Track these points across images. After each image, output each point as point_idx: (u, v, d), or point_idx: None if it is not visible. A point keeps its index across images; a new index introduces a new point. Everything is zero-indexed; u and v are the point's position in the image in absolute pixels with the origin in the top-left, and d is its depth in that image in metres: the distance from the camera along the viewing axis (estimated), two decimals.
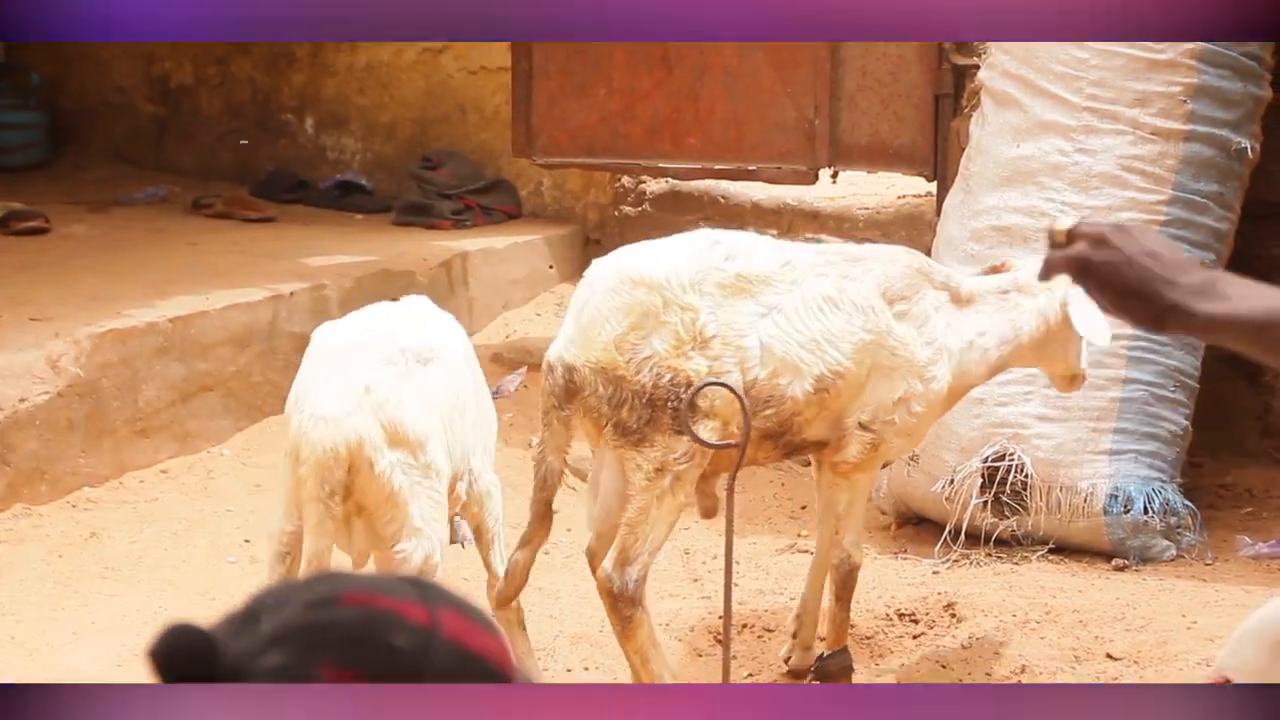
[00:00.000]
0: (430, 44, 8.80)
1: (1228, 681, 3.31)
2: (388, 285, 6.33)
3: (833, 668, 5.07)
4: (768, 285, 4.78)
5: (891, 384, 4.90)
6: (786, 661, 5.32)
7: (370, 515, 4.59)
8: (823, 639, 5.21)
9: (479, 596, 5.31)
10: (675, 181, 8.24)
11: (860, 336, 4.83)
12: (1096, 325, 4.84)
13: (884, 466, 5.28)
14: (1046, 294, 5.03)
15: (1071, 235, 2.03)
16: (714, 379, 4.65)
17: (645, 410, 4.65)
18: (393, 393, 4.62)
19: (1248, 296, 1.94)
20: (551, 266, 8.44)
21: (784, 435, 4.81)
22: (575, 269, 8.53)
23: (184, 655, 1.29)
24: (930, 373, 4.98)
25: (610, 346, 4.67)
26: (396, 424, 4.58)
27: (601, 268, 4.82)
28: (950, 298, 5.03)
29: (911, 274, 4.98)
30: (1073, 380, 5.23)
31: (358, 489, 4.56)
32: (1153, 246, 2.01)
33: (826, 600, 5.17)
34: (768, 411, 4.74)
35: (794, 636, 5.34)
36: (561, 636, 5.59)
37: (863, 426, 4.88)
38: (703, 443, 4.66)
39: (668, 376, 4.64)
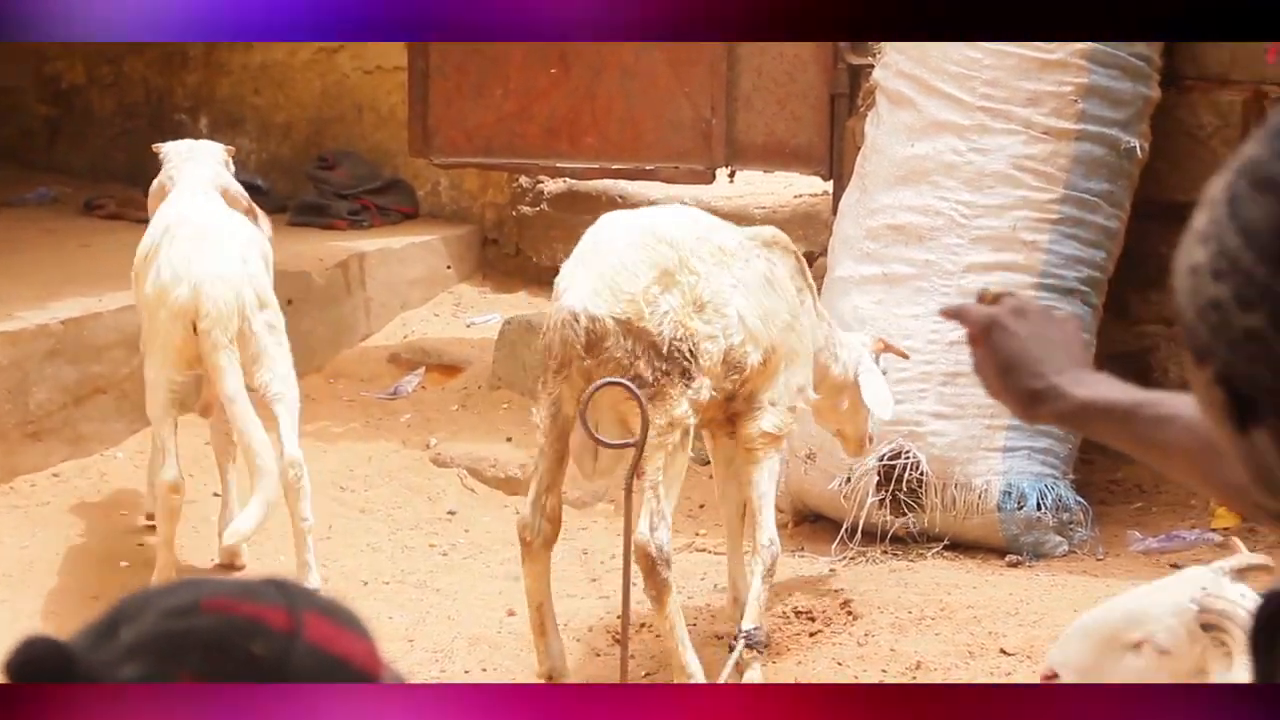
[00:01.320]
0: (325, 43, 8.75)
1: (1055, 676, 3.37)
2: (283, 286, 6.28)
3: (760, 637, 5.15)
4: (735, 260, 5.07)
5: (796, 368, 5.20)
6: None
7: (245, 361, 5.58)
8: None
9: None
10: (573, 181, 8.23)
11: (785, 318, 5.16)
12: (884, 396, 5.22)
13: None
14: (851, 353, 5.46)
15: (997, 299, 2.11)
16: (611, 379, 4.72)
17: (661, 363, 4.81)
18: (258, 268, 5.75)
19: (1123, 389, 2.03)
20: (449, 267, 8.41)
21: (733, 401, 5.09)
22: (473, 269, 8.51)
23: (38, 667, 1.27)
24: (819, 361, 5.32)
25: (638, 298, 4.83)
26: (264, 290, 5.71)
27: (618, 223, 5.03)
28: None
29: (802, 265, 5.31)
30: (862, 445, 5.66)
31: (241, 337, 5.57)
32: (1063, 335, 2.09)
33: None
34: (734, 376, 5.03)
35: (735, 602, 5.45)
36: (460, 638, 5.58)
37: (772, 404, 5.14)
38: (598, 440, 4.75)
39: (680, 332, 4.85)
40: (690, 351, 4.86)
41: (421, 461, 6.96)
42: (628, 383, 4.73)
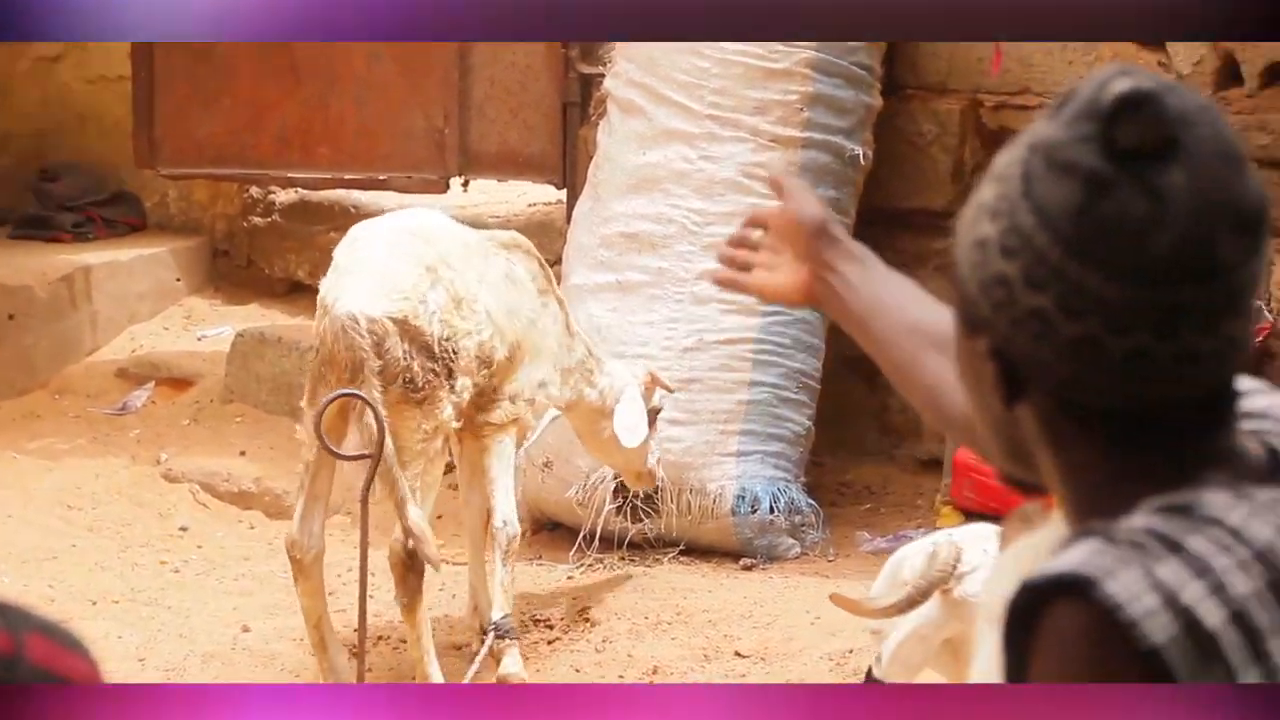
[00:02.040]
0: (46, 52, 8.55)
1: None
2: (4, 300, 6.13)
3: (509, 625, 5.16)
4: (479, 257, 5.13)
5: (537, 364, 5.28)
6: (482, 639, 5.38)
7: None
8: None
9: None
10: (305, 192, 8.15)
11: (527, 315, 5.24)
12: (632, 424, 5.30)
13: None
14: (616, 381, 5.50)
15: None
16: (347, 390, 4.68)
17: (431, 363, 4.82)
18: None
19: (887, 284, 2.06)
20: (179, 279, 8.28)
21: (482, 395, 5.12)
22: (203, 281, 8.38)
23: None
24: (559, 365, 5.39)
25: (411, 296, 4.82)
26: None
27: (375, 226, 5.05)
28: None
29: (546, 271, 5.42)
30: (639, 477, 5.72)
31: None
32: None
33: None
34: (485, 371, 5.07)
35: (475, 611, 5.51)
36: (192, 655, 5.49)
37: (511, 399, 5.20)
38: (333, 453, 4.71)
39: (446, 331, 4.87)
40: (453, 350, 4.90)
41: (152, 477, 6.85)
42: (362, 394, 4.70)
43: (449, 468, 5.48)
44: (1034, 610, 1.40)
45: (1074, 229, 1.43)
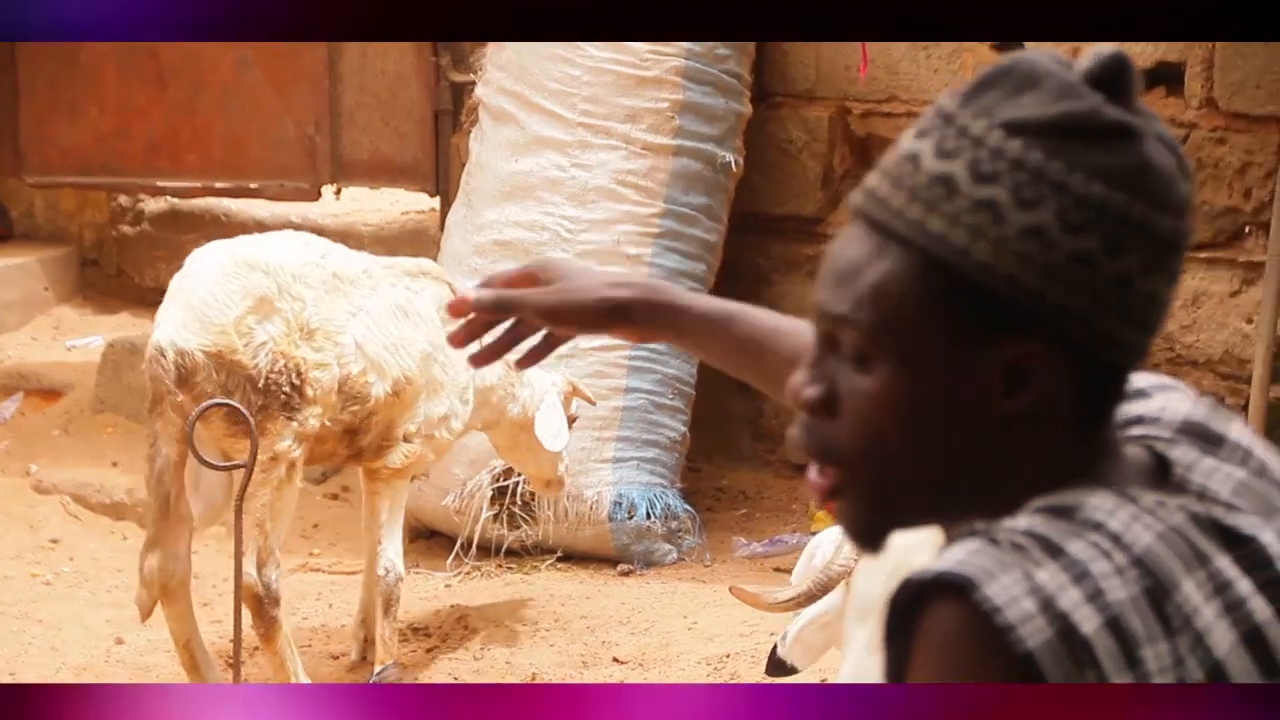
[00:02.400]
0: None
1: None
2: None
3: (390, 678, 5.13)
4: (355, 287, 4.98)
5: (439, 399, 5.15)
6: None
7: None
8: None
9: None
10: (175, 200, 8.09)
11: (423, 347, 5.07)
12: (554, 430, 5.29)
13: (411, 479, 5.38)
14: (536, 391, 5.48)
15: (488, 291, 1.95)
16: (219, 399, 4.65)
17: (258, 397, 4.70)
18: None
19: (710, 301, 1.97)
20: (47, 288, 8.19)
21: (359, 434, 4.99)
22: (71, 291, 8.29)
23: None
24: (468, 395, 5.27)
25: (229, 329, 4.70)
26: None
27: (210, 254, 4.87)
28: None
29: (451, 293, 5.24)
30: (549, 485, 5.69)
31: None
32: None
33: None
34: (354, 407, 4.93)
35: (365, 640, 5.46)
36: (64, 669, 5.44)
37: (407, 437, 5.08)
38: (205, 463, 4.67)
39: (281, 363, 4.73)
40: (293, 383, 4.76)
41: (21, 489, 6.76)
42: (236, 403, 4.67)
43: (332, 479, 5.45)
44: (914, 608, 1.41)
45: (1146, 181, 1.45)
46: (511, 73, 6.59)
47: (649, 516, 6.21)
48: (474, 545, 6.16)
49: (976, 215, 1.46)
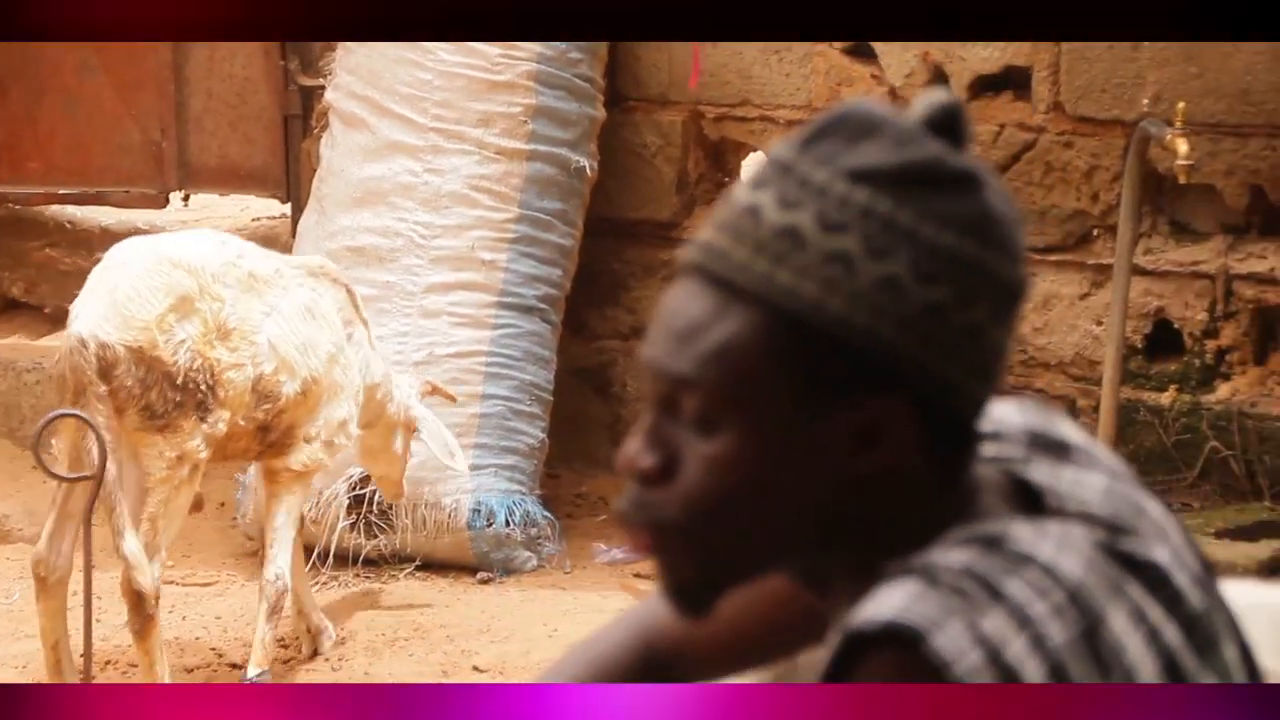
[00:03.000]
0: None
1: None
2: None
3: (263, 681, 5.12)
4: (269, 286, 5.02)
5: (339, 403, 5.20)
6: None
7: None
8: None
9: None
10: (18, 207, 7.95)
11: (328, 349, 5.15)
12: (452, 445, 5.33)
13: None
14: (403, 394, 5.53)
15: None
16: (65, 410, 4.63)
17: (175, 394, 4.75)
18: None
19: None
20: None
21: (269, 433, 5.05)
22: None
23: None
24: (360, 398, 5.32)
25: (151, 326, 4.74)
26: None
27: (132, 250, 4.91)
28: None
29: (353, 297, 5.36)
30: (397, 486, 5.72)
31: None
32: None
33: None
34: (267, 405, 4.98)
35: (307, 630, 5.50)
36: None
37: (308, 440, 5.13)
38: (51, 474, 4.69)
39: (198, 362, 4.79)
40: (208, 383, 4.83)
41: None
42: (83, 414, 4.66)
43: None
44: (857, 657, 1.39)
45: (993, 228, 1.44)
46: (362, 77, 6.55)
47: (508, 524, 6.20)
48: (331, 555, 6.12)
49: (828, 267, 1.41)
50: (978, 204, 1.44)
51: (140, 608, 4.83)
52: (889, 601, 1.39)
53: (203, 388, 4.82)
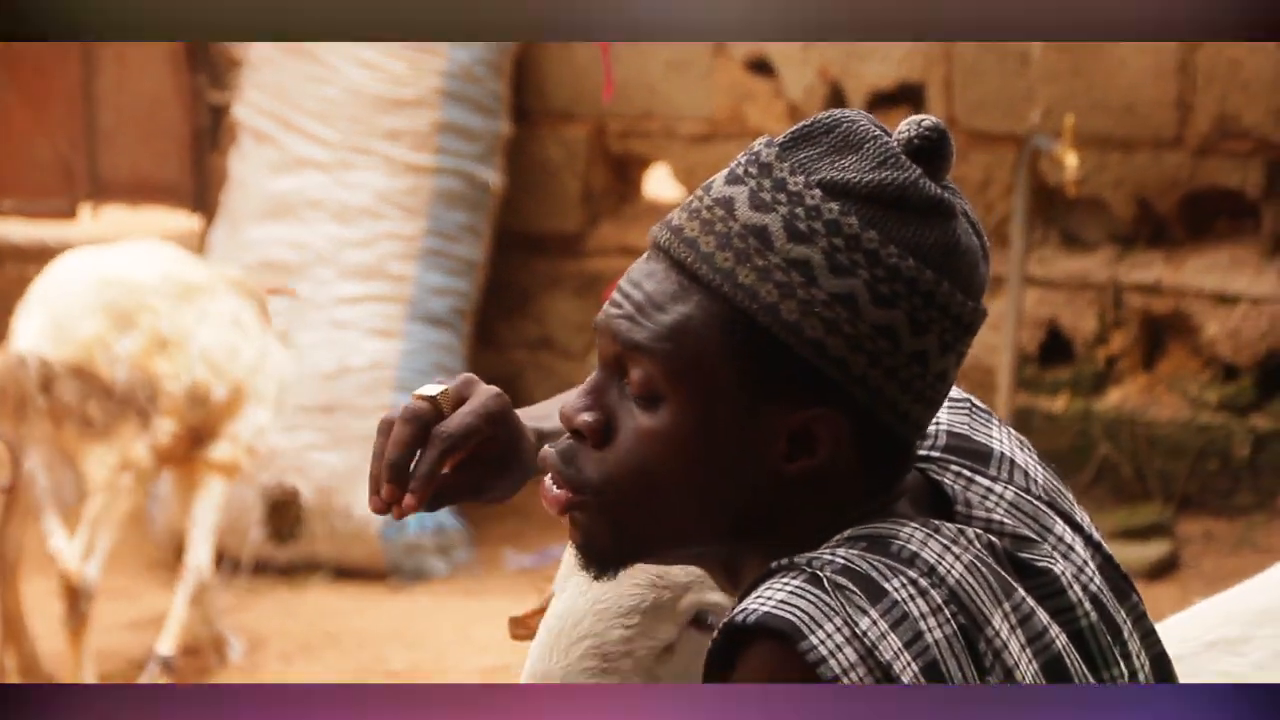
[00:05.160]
0: None
1: None
2: None
3: (175, 663, 5.26)
4: (201, 295, 5.20)
5: (259, 410, 5.36)
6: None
7: None
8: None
9: None
10: None
11: (250, 358, 5.30)
12: None
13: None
14: None
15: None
16: None
17: (114, 406, 4.90)
18: None
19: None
20: None
21: (200, 436, 5.21)
22: None
23: None
24: (280, 407, 5.49)
25: (89, 343, 4.90)
26: None
27: (73, 266, 5.09)
28: None
29: (265, 309, 5.52)
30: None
31: None
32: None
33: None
34: (199, 410, 5.15)
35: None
36: None
37: (231, 440, 5.29)
38: None
39: (139, 375, 4.94)
40: (148, 394, 4.98)
41: None
42: None
43: None
44: (736, 650, 1.41)
45: (954, 262, 1.44)
46: (270, 93, 6.62)
47: (420, 531, 6.26)
48: (244, 562, 6.16)
49: (788, 273, 1.43)
50: (945, 234, 1.44)
51: (75, 605, 4.96)
52: (769, 597, 1.40)
53: (142, 399, 4.97)
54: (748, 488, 1.46)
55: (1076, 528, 1.55)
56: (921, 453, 1.55)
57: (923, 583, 1.41)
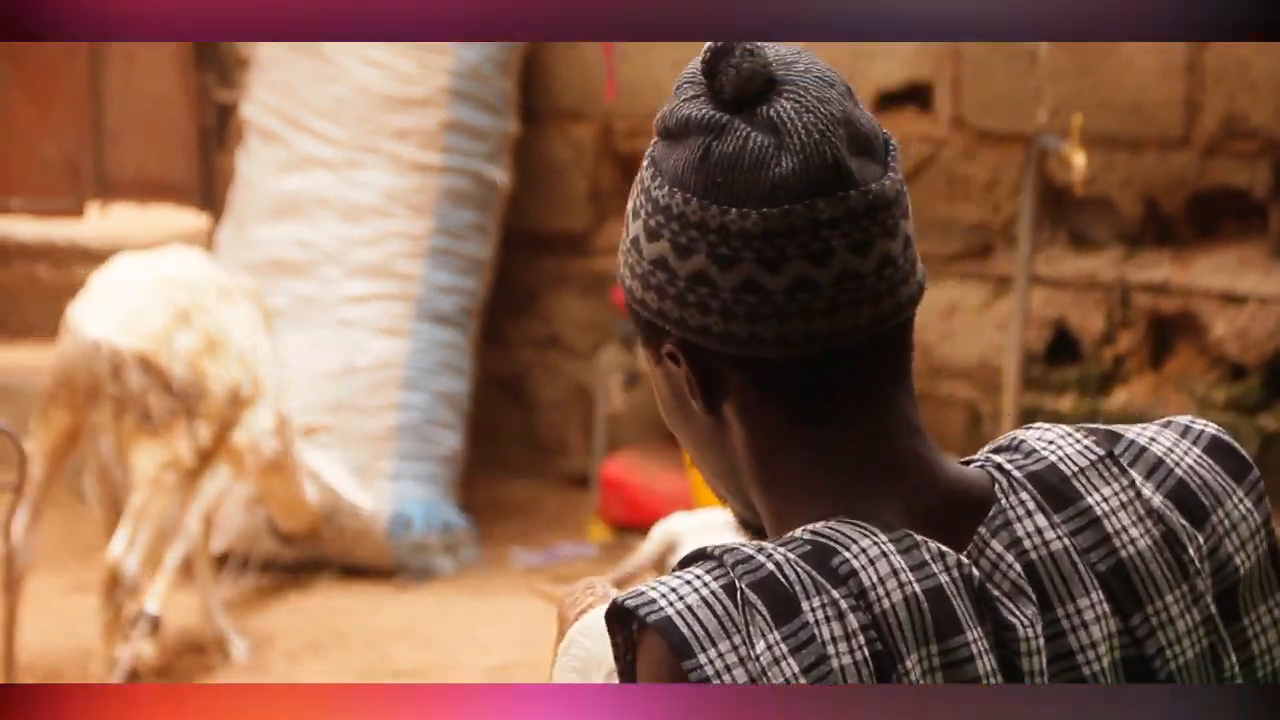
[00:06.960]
0: None
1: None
2: None
3: (159, 623, 5.33)
4: (235, 299, 5.36)
5: (266, 409, 5.41)
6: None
7: None
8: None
9: None
10: None
11: (267, 354, 5.45)
12: (351, 483, 5.54)
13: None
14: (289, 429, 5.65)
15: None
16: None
17: (171, 402, 5.02)
18: None
19: None
20: None
21: (226, 432, 5.32)
22: None
23: None
24: (284, 410, 5.49)
25: (157, 336, 5.04)
26: None
27: (133, 266, 5.25)
28: None
29: (267, 315, 5.61)
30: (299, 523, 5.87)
31: None
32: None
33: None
34: (233, 412, 5.27)
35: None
36: None
37: (246, 430, 5.35)
38: None
39: (193, 374, 5.08)
40: (198, 393, 5.10)
41: None
42: (8, 430, 4.75)
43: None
44: (633, 638, 1.38)
45: (702, 177, 1.40)
46: (278, 92, 6.62)
47: (427, 530, 6.27)
48: (252, 560, 6.17)
49: (625, 238, 1.49)
50: (694, 150, 1.41)
51: (113, 597, 5.05)
52: (680, 595, 1.37)
53: (193, 397, 5.09)
54: (705, 441, 1.48)
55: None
56: (1003, 463, 1.48)
57: (843, 605, 1.35)
